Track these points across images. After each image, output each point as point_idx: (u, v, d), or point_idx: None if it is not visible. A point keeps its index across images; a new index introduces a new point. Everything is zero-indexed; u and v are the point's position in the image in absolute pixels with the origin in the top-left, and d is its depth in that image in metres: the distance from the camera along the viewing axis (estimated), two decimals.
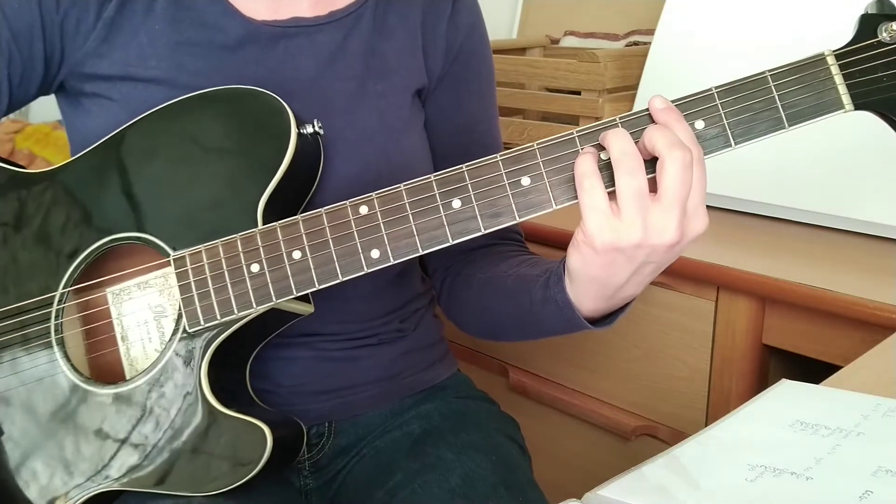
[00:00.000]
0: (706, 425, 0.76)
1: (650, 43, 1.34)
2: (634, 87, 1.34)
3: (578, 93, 1.37)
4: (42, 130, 1.87)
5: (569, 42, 1.68)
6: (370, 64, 0.88)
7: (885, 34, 0.68)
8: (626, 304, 0.76)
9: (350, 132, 0.86)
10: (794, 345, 1.02)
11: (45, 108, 0.91)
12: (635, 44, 1.56)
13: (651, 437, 1.16)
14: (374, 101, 0.88)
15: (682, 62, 1.28)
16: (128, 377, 0.78)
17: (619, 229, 0.66)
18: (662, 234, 0.66)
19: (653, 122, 0.68)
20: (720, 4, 1.26)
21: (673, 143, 0.65)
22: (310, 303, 0.79)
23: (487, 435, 0.90)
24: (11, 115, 1.97)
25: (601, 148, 0.69)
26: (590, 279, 0.71)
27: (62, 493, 0.76)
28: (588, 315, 0.76)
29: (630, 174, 0.65)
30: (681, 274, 1.07)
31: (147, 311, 0.79)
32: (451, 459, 0.84)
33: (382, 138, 0.87)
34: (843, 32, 0.70)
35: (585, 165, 0.67)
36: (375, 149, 0.87)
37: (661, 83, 1.30)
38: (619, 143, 0.66)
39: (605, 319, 0.78)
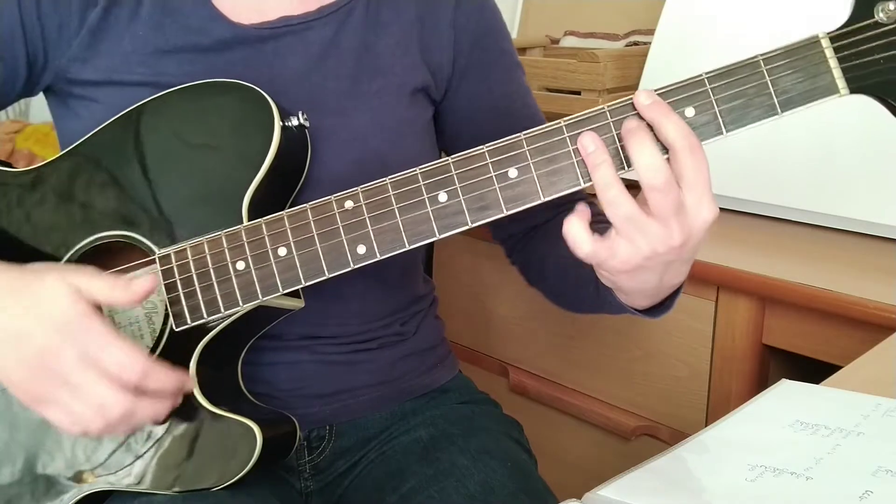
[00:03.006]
0: (706, 425, 0.76)
1: (650, 43, 1.34)
2: (634, 87, 1.34)
3: (578, 93, 1.37)
4: (42, 130, 1.87)
5: (569, 42, 1.68)
6: (363, 62, 0.87)
7: (881, 14, 0.65)
8: (678, 289, 0.76)
9: (343, 132, 0.85)
10: (794, 345, 1.02)
11: (45, 109, 0.90)
12: (635, 44, 1.55)
13: (651, 437, 1.16)
14: (367, 100, 0.87)
15: (682, 62, 1.28)
16: None
17: (622, 254, 0.66)
18: (669, 241, 0.65)
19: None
20: (720, 4, 1.26)
21: (649, 168, 0.64)
22: (300, 297, 0.78)
23: (497, 440, 0.89)
24: (11, 115, 1.98)
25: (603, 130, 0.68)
26: (626, 290, 0.72)
27: (53, 494, 0.76)
28: (643, 306, 0.77)
29: (613, 206, 0.65)
30: None
31: (138, 308, 0.79)
32: (466, 465, 0.84)
33: (377, 139, 0.87)
34: None
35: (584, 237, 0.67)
36: (370, 150, 0.86)
37: (661, 83, 1.29)
38: (600, 178, 0.66)
39: (663, 303, 0.77)
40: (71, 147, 0.82)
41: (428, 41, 0.91)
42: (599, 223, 0.68)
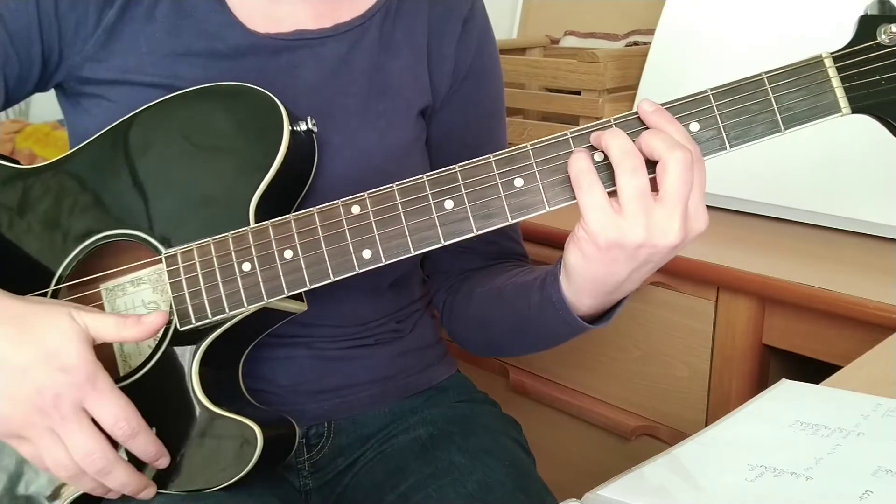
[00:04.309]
0: (706, 425, 0.76)
1: (650, 43, 1.34)
2: (634, 87, 1.34)
3: (578, 93, 1.37)
4: (42, 130, 1.87)
5: (569, 42, 1.68)
6: (374, 81, 0.87)
7: (884, 36, 0.67)
8: (622, 300, 0.76)
9: (349, 150, 0.85)
10: (794, 345, 1.02)
11: (45, 108, 0.91)
12: (635, 44, 1.55)
13: (651, 437, 1.16)
14: (374, 120, 0.87)
15: (682, 62, 1.28)
16: (121, 373, 0.78)
17: (623, 228, 0.66)
18: (666, 236, 0.66)
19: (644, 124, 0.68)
20: (720, 4, 1.26)
21: (672, 144, 0.65)
22: (303, 301, 0.79)
23: (496, 439, 0.89)
24: (11, 115, 1.98)
25: (592, 149, 0.68)
26: (589, 276, 0.71)
27: (53, 492, 0.75)
28: (585, 313, 0.76)
29: (632, 174, 0.65)
30: (681, 274, 1.08)
31: (141, 307, 0.79)
32: (464, 464, 0.84)
33: (381, 160, 0.87)
34: (845, 33, 0.70)
35: (581, 163, 0.67)
36: (374, 168, 0.86)
37: (661, 83, 1.30)
38: (617, 142, 0.66)
39: (602, 317, 0.77)
40: (80, 146, 0.82)
41: (434, 67, 0.91)
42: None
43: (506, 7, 1.82)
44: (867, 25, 0.67)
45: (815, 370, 0.93)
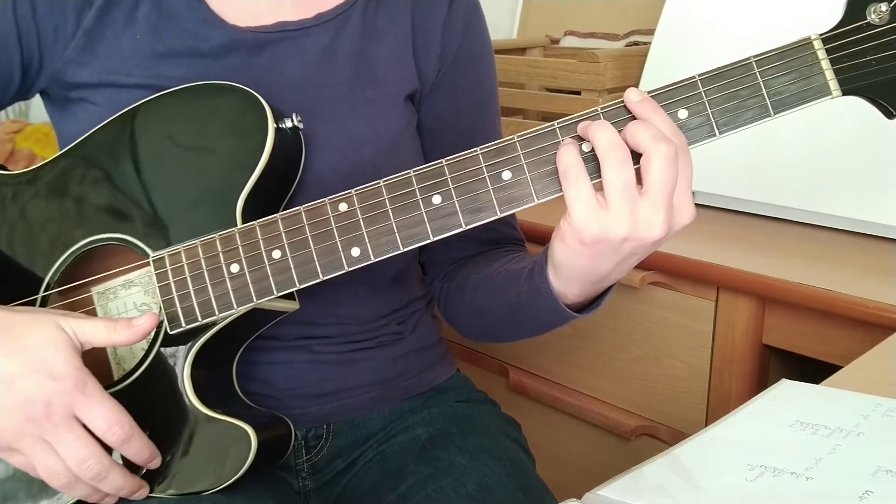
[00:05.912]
0: (706, 425, 0.76)
1: (650, 43, 1.34)
2: (634, 87, 1.33)
3: (578, 93, 1.37)
4: (42, 130, 1.87)
5: (569, 42, 1.68)
6: (359, 69, 0.87)
7: (873, 16, 0.65)
8: (609, 288, 0.76)
9: (338, 139, 0.85)
10: (794, 345, 1.02)
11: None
12: (635, 44, 1.55)
13: (651, 437, 1.16)
14: (362, 108, 0.87)
15: (682, 62, 1.28)
16: (115, 377, 0.78)
17: (607, 222, 0.65)
18: (650, 229, 0.65)
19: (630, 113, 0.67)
20: (721, 4, 1.26)
21: (657, 137, 0.64)
22: (294, 300, 0.78)
23: (496, 439, 0.89)
24: (11, 115, 1.98)
25: (580, 139, 0.68)
26: (575, 269, 0.71)
27: (49, 492, 0.75)
28: (573, 302, 0.76)
29: (618, 167, 0.65)
30: (681, 274, 1.08)
31: (133, 310, 0.79)
32: (464, 465, 0.84)
33: (371, 148, 0.86)
34: None
35: (569, 157, 0.66)
36: (364, 158, 0.85)
37: (661, 83, 1.29)
38: (604, 134, 0.66)
39: (591, 304, 0.78)
40: (65, 150, 0.81)
41: (419, 51, 0.91)
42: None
43: (506, 7, 1.82)
44: (856, 5, 0.66)
45: (815, 370, 0.93)
